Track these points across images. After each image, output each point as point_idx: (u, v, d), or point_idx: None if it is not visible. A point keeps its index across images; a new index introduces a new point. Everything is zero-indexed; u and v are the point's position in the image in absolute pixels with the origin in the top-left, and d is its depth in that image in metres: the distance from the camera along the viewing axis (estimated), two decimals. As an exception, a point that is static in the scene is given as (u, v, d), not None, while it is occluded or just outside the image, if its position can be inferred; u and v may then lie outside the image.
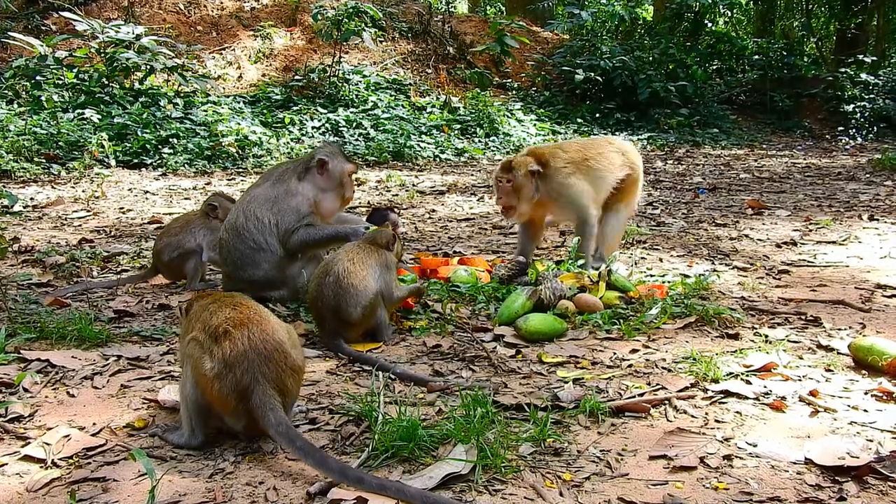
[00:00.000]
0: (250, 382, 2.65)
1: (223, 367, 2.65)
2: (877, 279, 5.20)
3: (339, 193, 4.67)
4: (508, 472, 2.57)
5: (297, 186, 4.56)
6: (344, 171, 4.66)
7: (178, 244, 4.99)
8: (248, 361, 2.66)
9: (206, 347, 2.71)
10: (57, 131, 10.24)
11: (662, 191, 9.67)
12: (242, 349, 2.67)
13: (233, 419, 2.73)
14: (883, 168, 12.00)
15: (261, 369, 2.67)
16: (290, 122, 12.64)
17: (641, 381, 3.40)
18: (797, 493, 2.47)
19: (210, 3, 16.57)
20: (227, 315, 2.78)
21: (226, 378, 2.65)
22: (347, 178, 4.70)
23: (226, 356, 2.66)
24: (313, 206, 4.55)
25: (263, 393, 2.65)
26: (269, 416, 2.63)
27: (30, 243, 6.01)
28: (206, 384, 2.67)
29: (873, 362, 3.49)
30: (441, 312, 4.34)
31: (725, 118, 18.38)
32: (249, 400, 2.65)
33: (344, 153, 4.80)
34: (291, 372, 2.78)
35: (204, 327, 2.77)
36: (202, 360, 2.68)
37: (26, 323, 3.96)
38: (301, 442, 2.56)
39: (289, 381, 2.76)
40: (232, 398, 2.66)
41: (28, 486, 2.47)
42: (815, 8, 26.22)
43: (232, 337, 2.70)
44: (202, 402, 2.72)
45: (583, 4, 19.13)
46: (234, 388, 2.64)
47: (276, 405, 2.65)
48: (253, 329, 2.74)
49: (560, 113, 16.62)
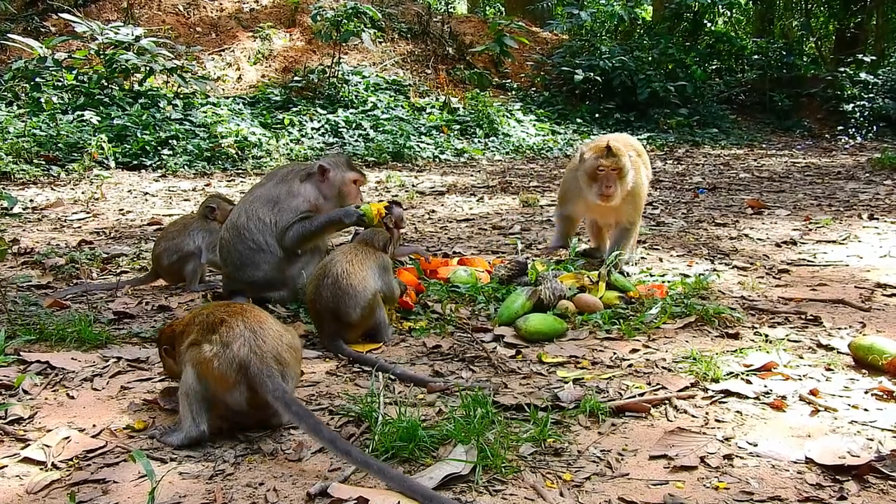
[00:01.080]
0: (248, 354, 2.75)
1: (221, 347, 2.76)
2: (877, 278, 5.20)
3: (339, 203, 4.62)
4: (509, 473, 2.57)
5: (299, 188, 4.55)
6: (345, 179, 4.63)
7: (176, 247, 4.98)
8: (244, 338, 2.78)
9: (205, 339, 2.79)
10: (56, 133, 10.24)
11: (662, 190, 9.67)
12: (239, 330, 2.79)
13: (234, 395, 2.77)
14: (882, 167, 12.00)
15: (257, 343, 2.78)
16: (289, 124, 12.64)
17: (641, 381, 3.39)
18: (798, 492, 2.47)
19: (209, 4, 16.58)
20: (222, 310, 2.91)
21: (224, 354, 2.74)
22: (349, 186, 4.64)
23: (223, 337, 2.77)
24: (313, 208, 4.55)
25: (261, 361, 2.75)
26: (266, 382, 2.72)
27: (29, 245, 6.01)
28: (206, 366, 2.75)
29: (873, 361, 3.49)
30: (441, 313, 4.34)
31: (725, 118, 18.39)
32: (248, 369, 2.73)
33: (349, 162, 4.75)
34: (288, 347, 2.89)
35: (201, 327, 2.85)
36: (201, 349, 2.77)
37: (26, 325, 3.96)
38: (297, 407, 2.66)
39: (285, 353, 2.86)
40: (231, 371, 2.73)
41: (28, 487, 2.47)
42: (815, 7, 26.22)
43: (228, 323, 2.82)
44: (203, 390, 2.77)
45: (582, 4, 19.14)
46: (232, 361, 2.73)
47: (274, 372, 2.75)
48: (248, 315, 2.88)
49: (559, 113, 16.63)
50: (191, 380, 2.78)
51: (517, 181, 10.56)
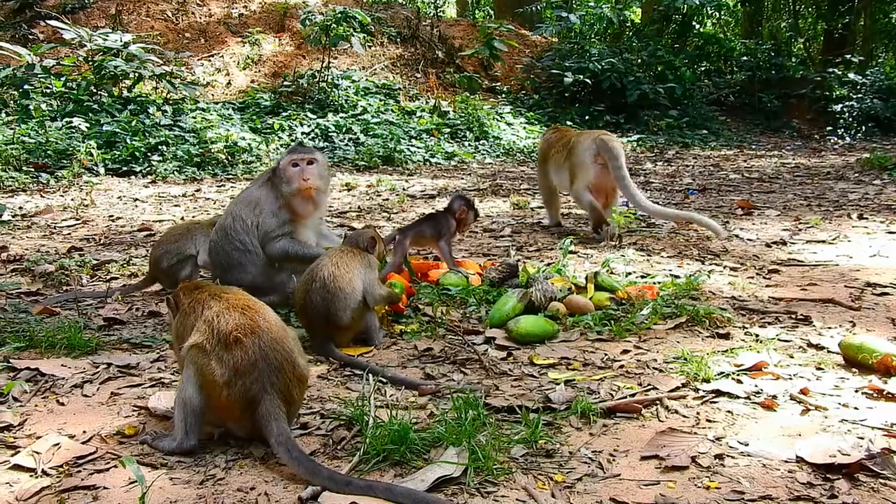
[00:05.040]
0: (259, 392, 2.67)
1: (233, 375, 2.66)
2: (866, 277, 5.22)
3: (289, 189, 4.44)
4: (500, 474, 2.56)
5: (271, 191, 4.51)
6: (285, 165, 4.47)
7: (177, 250, 4.96)
8: (258, 371, 2.68)
9: (215, 353, 2.70)
10: (45, 140, 10.20)
11: (652, 192, 9.69)
12: (253, 358, 2.69)
13: (235, 426, 2.76)
14: (871, 167, 12.05)
15: (270, 379, 2.69)
16: (279, 128, 12.63)
17: (633, 382, 3.40)
18: (789, 491, 2.47)
19: (198, 9, 16.56)
20: (237, 322, 2.76)
21: (235, 386, 2.66)
22: (289, 170, 4.45)
23: (237, 364, 2.67)
24: (286, 207, 4.47)
25: (271, 403, 2.67)
26: (272, 425, 2.65)
27: (19, 252, 5.98)
28: (215, 391, 2.68)
29: (863, 360, 3.50)
30: (432, 316, 4.34)
31: (714, 119, 18.45)
32: (256, 409, 2.67)
33: (293, 148, 4.68)
34: (298, 382, 2.80)
35: (211, 332, 2.74)
36: (211, 366, 2.68)
37: (15, 332, 3.94)
38: (297, 453, 2.58)
39: (295, 391, 2.79)
40: (238, 407, 2.68)
41: (18, 495, 2.45)
42: (803, 9, 26.37)
43: (243, 345, 2.70)
44: (204, 407, 2.73)
45: (571, 7, 19.22)
46: (242, 395, 2.66)
47: (281, 415, 2.68)
48: (264, 338, 2.74)
49: (549, 116, 16.65)
50: (191, 390, 2.72)
51: (508, 184, 10.57)
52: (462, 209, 5.26)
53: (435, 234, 5.15)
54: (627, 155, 8.02)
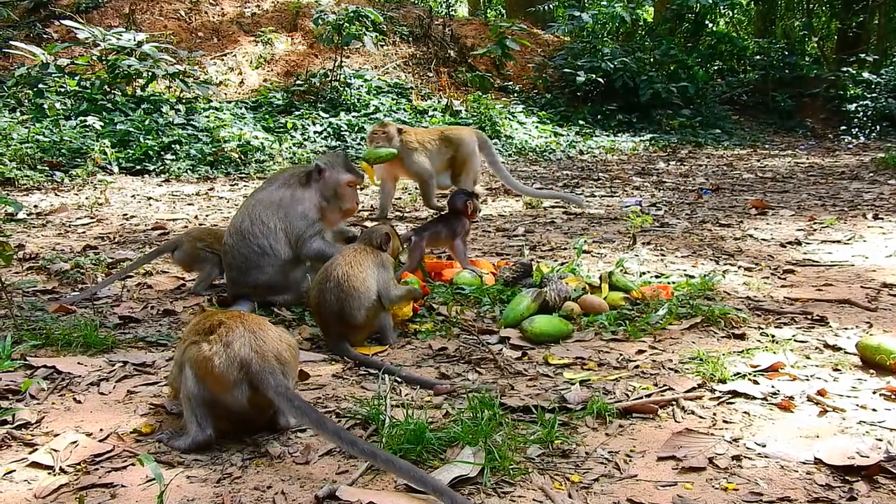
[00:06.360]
0: (249, 352, 2.75)
1: (221, 346, 2.75)
2: (883, 278, 5.19)
3: (336, 205, 4.62)
4: (517, 475, 2.56)
5: (303, 193, 4.55)
6: (339, 181, 4.60)
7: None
8: (244, 338, 2.78)
9: (203, 339, 2.80)
10: (60, 139, 10.24)
11: (665, 192, 9.66)
12: (239, 331, 2.80)
13: (234, 395, 2.76)
14: (886, 167, 11.98)
15: (258, 342, 2.79)
16: (292, 127, 12.64)
17: (648, 382, 3.39)
18: (807, 493, 2.46)
19: (211, 9, 16.60)
20: (219, 315, 2.93)
21: (224, 353, 2.74)
22: (344, 188, 4.62)
23: (223, 337, 2.78)
24: (320, 212, 4.55)
25: (262, 359, 2.75)
26: (269, 379, 2.72)
27: (34, 250, 6.01)
28: (206, 364, 2.74)
29: (881, 361, 3.48)
30: (446, 315, 4.34)
31: (727, 118, 18.36)
32: (250, 367, 2.73)
33: (346, 163, 4.72)
34: (287, 347, 2.90)
35: (198, 330, 2.87)
36: (200, 348, 2.77)
37: (32, 330, 3.96)
38: (299, 402, 2.66)
39: (286, 353, 2.87)
40: (233, 370, 2.72)
41: (36, 492, 2.47)
42: (816, 7, 26.22)
43: (227, 324, 2.83)
44: (205, 392, 2.77)
45: (583, 6, 19.15)
46: (233, 359, 2.73)
47: (276, 370, 2.76)
48: (246, 318, 2.90)
49: (562, 115, 16.62)
50: (191, 382, 2.78)
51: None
52: (467, 203, 5.25)
53: (450, 234, 5.15)
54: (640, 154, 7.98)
